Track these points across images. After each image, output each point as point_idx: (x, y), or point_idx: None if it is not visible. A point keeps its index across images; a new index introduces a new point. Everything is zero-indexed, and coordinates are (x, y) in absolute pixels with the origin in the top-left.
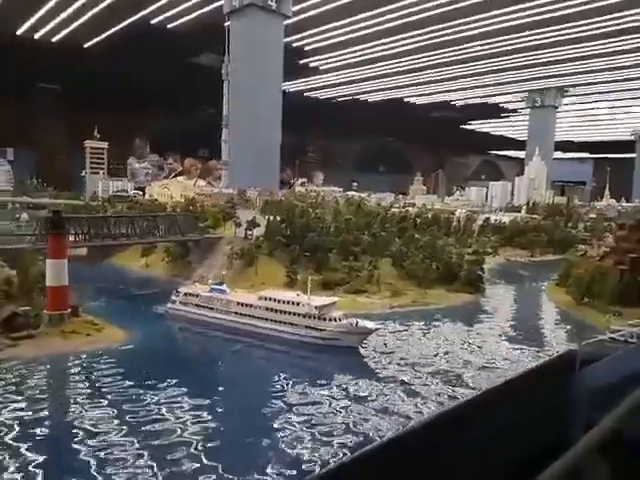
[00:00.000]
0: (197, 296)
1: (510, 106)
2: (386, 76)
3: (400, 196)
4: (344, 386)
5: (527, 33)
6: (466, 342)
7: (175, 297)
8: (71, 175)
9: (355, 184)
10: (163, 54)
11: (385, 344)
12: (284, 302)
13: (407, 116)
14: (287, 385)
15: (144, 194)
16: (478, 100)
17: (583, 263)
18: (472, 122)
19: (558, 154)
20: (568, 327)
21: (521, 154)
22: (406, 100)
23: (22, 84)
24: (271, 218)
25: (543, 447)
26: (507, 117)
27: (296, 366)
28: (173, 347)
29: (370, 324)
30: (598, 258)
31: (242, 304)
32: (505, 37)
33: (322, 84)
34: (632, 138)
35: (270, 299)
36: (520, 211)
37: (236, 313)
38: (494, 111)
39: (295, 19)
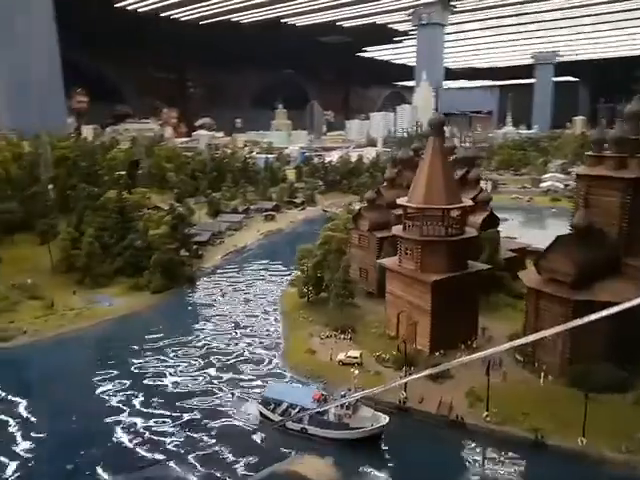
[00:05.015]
0: None
1: (400, 27)
2: None
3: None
4: None
5: None
6: None
7: None
8: None
9: (238, 120)
10: None
11: None
12: None
13: (292, 41)
14: None
15: None
16: (365, 20)
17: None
18: (367, 48)
19: (464, 82)
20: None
21: None
22: (284, 21)
23: None
24: None
25: None
26: (400, 41)
27: None
28: None
29: None
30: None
31: None
32: None
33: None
34: (532, 61)
35: None
36: (376, 145)
37: None
38: (384, 33)
39: None
